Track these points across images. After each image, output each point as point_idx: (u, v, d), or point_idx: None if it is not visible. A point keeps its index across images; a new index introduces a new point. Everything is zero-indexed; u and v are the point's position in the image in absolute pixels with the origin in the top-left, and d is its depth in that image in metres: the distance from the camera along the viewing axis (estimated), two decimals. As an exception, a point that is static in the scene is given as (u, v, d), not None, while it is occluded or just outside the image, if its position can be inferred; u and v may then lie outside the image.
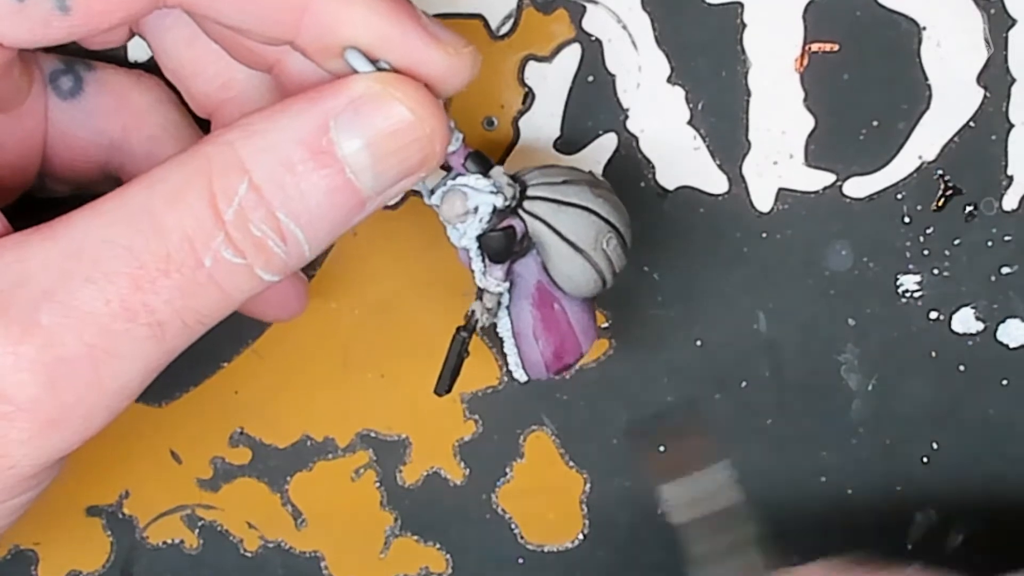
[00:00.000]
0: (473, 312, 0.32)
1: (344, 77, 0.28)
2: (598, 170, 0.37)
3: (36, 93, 0.32)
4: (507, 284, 0.32)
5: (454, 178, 0.31)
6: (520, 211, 0.31)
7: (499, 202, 0.31)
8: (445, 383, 0.32)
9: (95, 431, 0.28)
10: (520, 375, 0.33)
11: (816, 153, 0.36)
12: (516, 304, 0.32)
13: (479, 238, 0.31)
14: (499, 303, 0.32)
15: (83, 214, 0.27)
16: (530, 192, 0.31)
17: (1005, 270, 0.37)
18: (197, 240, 0.26)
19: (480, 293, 0.32)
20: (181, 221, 0.26)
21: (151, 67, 0.35)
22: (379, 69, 0.27)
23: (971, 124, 0.36)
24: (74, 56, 0.33)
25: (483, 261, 0.31)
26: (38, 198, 0.36)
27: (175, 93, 0.33)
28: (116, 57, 0.35)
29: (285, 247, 0.27)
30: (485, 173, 0.31)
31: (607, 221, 0.32)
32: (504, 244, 0.31)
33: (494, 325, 0.33)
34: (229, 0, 0.27)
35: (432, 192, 0.31)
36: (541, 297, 0.32)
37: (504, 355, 0.33)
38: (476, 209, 0.31)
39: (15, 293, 0.26)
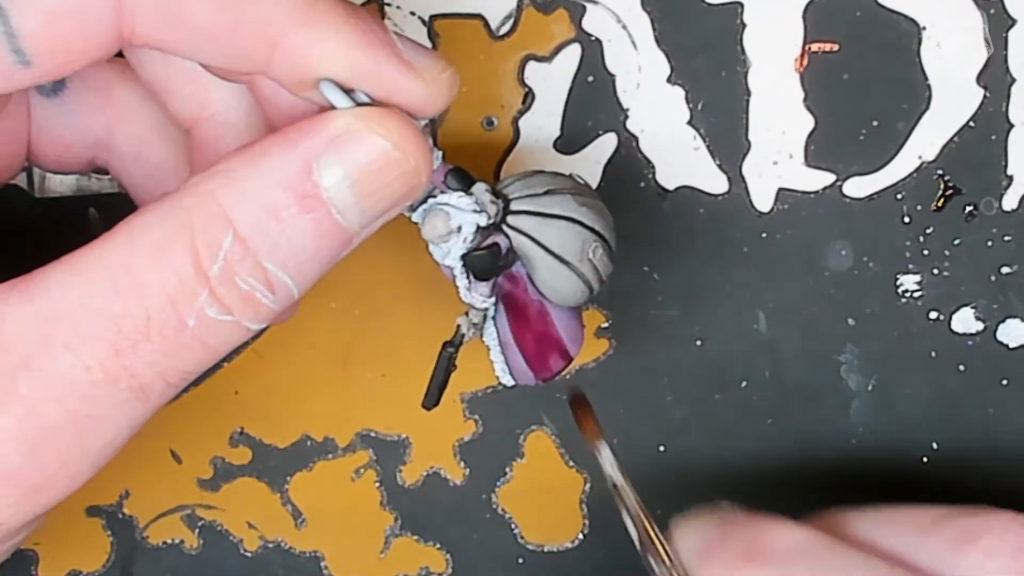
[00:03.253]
0: (459, 326, 0.32)
1: (322, 110, 0.27)
2: (598, 170, 0.37)
3: (18, 92, 0.31)
4: (493, 299, 0.31)
5: (435, 196, 0.30)
6: (504, 226, 0.31)
7: (482, 221, 0.30)
8: (433, 397, 0.32)
9: (81, 486, 0.27)
10: (507, 380, 0.33)
11: (816, 153, 0.36)
12: (502, 315, 0.32)
13: (463, 257, 0.30)
14: (485, 317, 0.32)
15: (61, 271, 0.26)
16: (513, 206, 0.31)
17: (1005, 270, 0.37)
18: (180, 301, 0.26)
19: (467, 307, 0.32)
20: (163, 282, 0.25)
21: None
22: (356, 101, 0.27)
23: (971, 124, 0.36)
24: None
25: (468, 279, 0.31)
26: (40, 198, 0.36)
27: None
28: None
29: (273, 297, 0.26)
30: (467, 190, 0.30)
31: (592, 230, 0.31)
32: (490, 263, 0.30)
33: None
34: (197, 40, 0.26)
35: (414, 209, 0.30)
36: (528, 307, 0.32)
37: (492, 362, 0.33)
38: (459, 228, 0.30)
39: None
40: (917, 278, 0.37)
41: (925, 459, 0.38)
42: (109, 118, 0.32)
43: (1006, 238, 0.37)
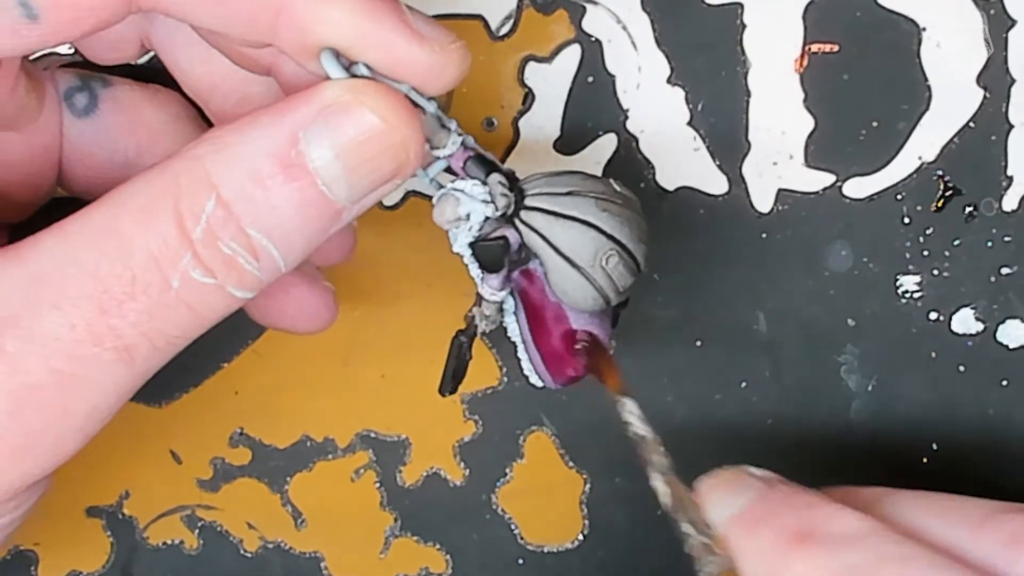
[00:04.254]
0: (473, 317, 0.32)
1: (317, 84, 0.27)
2: (598, 171, 0.36)
3: (50, 110, 0.31)
4: (504, 293, 0.31)
5: (453, 181, 0.30)
6: (517, 221, 0.30)
7: (490, 212, 0.30)
8: (448, 385, 0.32)
9: (69, 455, 0.27)
10: (535, 380, 0.33)
11: (816, 153, 0.36)
12: (522, 313, 0.32)
13: (472, 246, 0.30)
14: (500, 310, 0.32)
15: (50, 236, 0.26)
16: (528, 202, 0.30)
17: (1005, 270, 0.37)
18: (164, 261, 0.26)
19: (479, 299, 0.31)
20: (147, 242, 0.26)
21: (159, 71, 0.35)
22: (353, 74, 0.27)
23: (971, 124, 0.36)
24: (91, 72, 0.33)
25: (479, 269, 0.30)
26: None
27: (195, 109, 0.33)
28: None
29: (257, 263, 0.27)
30: (484, 179, 0.30)
31: (610, 237, 0.30)
32: (496, 255, 0.30)
33: (504, 328, 0.32)
34: (202, 3, 0.26)
35: (440, 188, 0.30)
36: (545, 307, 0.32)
37: (519, 360, 0.33)
38: (468, 216, 0.30)
39: None
40: (917, 278, 0.37)
41: (925, 459, 0.38)
42: (140, 140, 0.32)
43: (1006, 238, 0.37)
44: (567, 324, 0.32)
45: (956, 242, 0.37)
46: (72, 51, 0.32)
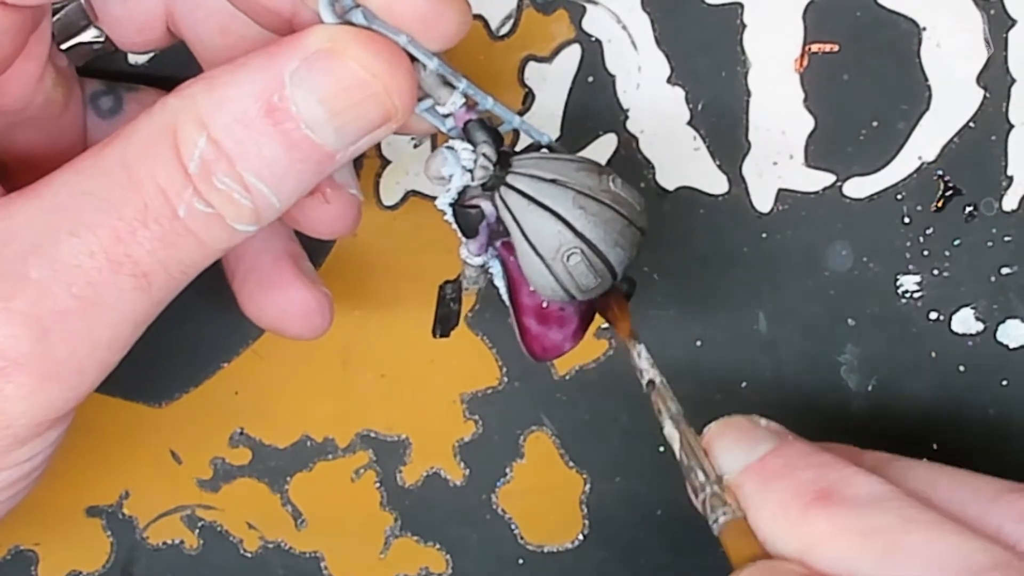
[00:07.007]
0: (463, 271, 0.32)
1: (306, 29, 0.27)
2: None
3: (75, 111, 0.32)
4: (481, 259, 0.31)
5: (455, 137, 0.30)
6: (495, 195, 0.30)
7: (467, 180, 0.30)
8: (436, 328, 0.32)
9: (89, 386, 0.28)
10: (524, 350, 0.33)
11: (816, 153, 0.36)
12: (504, 280, 0.32)
13: (452, 206, 0.30)
14: (485, 273, 0.32)
15: (64, 171, 0.27)
16: (510, 179, 0.30)
17: (1005, 270, 0.37)
18: (170, 190, 0.27)
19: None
20: (153, 172, 0.27)
21: (150, 69, 0.35)
22: (347, 21, 0.27)
23: (971, 124, 0.36)
24: (118, 80, 0.34)
25: (458, 230, 0.31)
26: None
27: None
28: (117, 63, 0.35)
29: (251, 197, 0.27)
30: (475, 145, 0.29)
31: (579, 235, 0.29)
32: (469, 222, 0.30)
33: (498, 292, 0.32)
34: None
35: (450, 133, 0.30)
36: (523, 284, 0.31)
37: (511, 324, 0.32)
38: (450, 178, 0.30)
39: (3, 251, 0.27)
40: (917, 278, 0.37)
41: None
42: None
43: (1006, 238, 0.37)
44: (540, 301, 0.32)
45: (956, 242, 0.37)
46: (102, 38, 0.33)
